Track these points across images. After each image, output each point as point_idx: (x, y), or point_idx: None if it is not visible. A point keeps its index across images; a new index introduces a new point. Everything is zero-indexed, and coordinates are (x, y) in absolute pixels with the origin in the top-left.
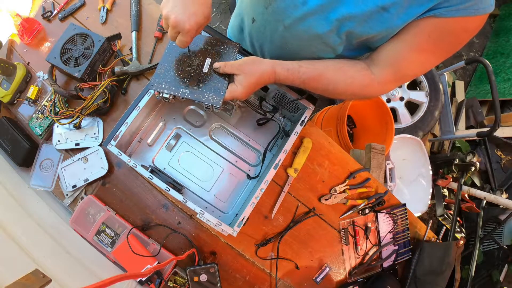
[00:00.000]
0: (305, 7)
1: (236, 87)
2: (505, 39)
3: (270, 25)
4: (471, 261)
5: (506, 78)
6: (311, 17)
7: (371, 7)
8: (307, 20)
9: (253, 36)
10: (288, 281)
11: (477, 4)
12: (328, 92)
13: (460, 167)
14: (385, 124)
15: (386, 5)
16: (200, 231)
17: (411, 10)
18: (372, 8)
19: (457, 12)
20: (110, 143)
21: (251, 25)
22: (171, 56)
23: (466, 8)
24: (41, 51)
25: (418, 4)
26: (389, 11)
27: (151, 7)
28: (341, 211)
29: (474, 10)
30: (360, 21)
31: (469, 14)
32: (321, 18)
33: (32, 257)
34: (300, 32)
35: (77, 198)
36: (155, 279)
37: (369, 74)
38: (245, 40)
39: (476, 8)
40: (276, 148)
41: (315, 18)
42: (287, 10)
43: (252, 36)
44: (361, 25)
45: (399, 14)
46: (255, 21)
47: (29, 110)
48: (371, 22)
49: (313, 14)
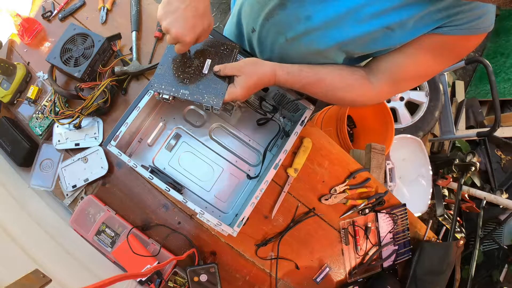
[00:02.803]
0: (309, 23)
1: (236, 88)
2: (505, 39)
3: (271, 36)
4: (471, 261)
5: (506, 78)
6: (314, 33)
7: (376, 27)
8: (310, 35)
9: (252, 43)
10: (288, 281)
11: (479, 24)
12: (327, 98)
13: (460, 167)
14: (385, 124)
15: (391, 25)
16: (200, 231)
17: (416, 31)
18: (377, 28)
19: (460, 31)
20: (110, 143)
21: (251, 33)
22: (171, 56)
23: (469, 28)
24: (41, 51)
25: (423, 25)
26: (394, 31)
27: (151, 7)
28: (341, 211)
29: (475, 30)
30: (364, 40)
31: (471, 33)
32: (324, 36)
33: (32, 257)
34: (302, 46)
35: (77, 198)
36: (155, 279)
37: (368, 83)
38: (245, 46)
39: (477, 27)
40: (276, 148)
41: (318, 35)
42: (290, 24)
43: (252, 43)
44: (365, 44)
45: (403, 34)
46: (255, 31)
47: (29, 110)
48: (375, 41)
49: (317, 30)
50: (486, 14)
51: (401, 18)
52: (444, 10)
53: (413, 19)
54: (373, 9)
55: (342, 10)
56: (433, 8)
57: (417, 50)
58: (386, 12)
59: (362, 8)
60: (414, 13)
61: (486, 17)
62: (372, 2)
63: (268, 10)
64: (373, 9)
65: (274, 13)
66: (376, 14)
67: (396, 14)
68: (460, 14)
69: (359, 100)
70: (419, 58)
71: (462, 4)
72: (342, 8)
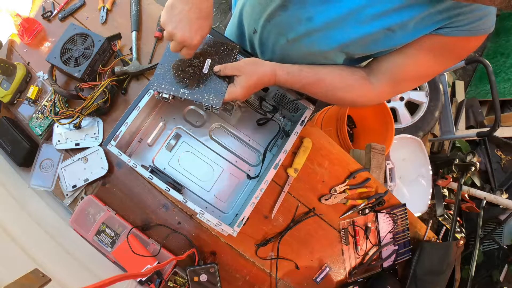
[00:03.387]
0: (310, 24)
1: (236, 88)
2: (505, 39)
3: (272, 37)
4: (471, 261)
5: (506, 78)
6: (315, 34)
7: (377, 28)
8: (311, 36)
9: (253, 44)
10: (288, 281)
11: (480, 26)
12: (327, 98)
13: (460, 167)
14: (385, 124)
15: (392, 26)
16: (200, 231)
17: (416, 32)
18: (378, 29)
19: (461, 33)
20: (110, 143)
21: (252, 35)
22: (171, 56)
23: (470, 29)
24: (41, 51)
25: (424, 26)
26: (395, 32)
27: (151, 7)
28: (341, 211)
29: (476, 31)
30: (365, 41)
31: (471, 34)
32: (325, 37)
33: (32, 257)
34: (303, 47)
35: (77, 198)
36: (155, 279)
37: (368, 84)
38: (246, 46)
39: (478, 29)
40: (276, 148)
41: (319, 36)
42: (291, 25)
43: (253, 44)
44: (365, 45)
45: (404, 35)
46: (257, 32)
47: (29, 110)
48: (376, 42)
49: (318, 31)
50: (487, 16)
51: (402, 19)
52: (444, 11)
53: (414, 21)
54: (374, 10)
55: (344, 11)
56: (433, 9)
57: (417, 50)
58: (387, 14)
59: (363, 10)
60: (414, 15)
61: (487, 19)
62: (373, 4)
63: (269, 11)
64: (374, 10)
65: (275, 14)
66: (377, 15)
67: (397, 16)
68: (460, 15)
69: (360, 100)
70: (420, 58)
71: (462, 5)
72: (344, 9)
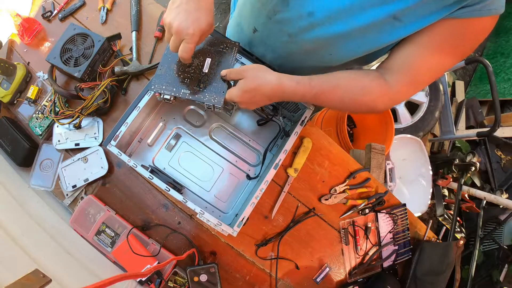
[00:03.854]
0: (312, 19)
1: (234, 89)
2: (505, 39)
3: (274, 35)
4: (471, 261)
5: (506, 78)
6: (317, 28)
7: (382, 16)
8: (314, 31)
9: (254, 45)
10: (288, 281)
11: (490, 5)
12: (344, 105)
13: (460, 167)
14: (385, 124)
15: (397, 13)
16: (200, 231)
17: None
18: (382, 17)
19: (472, 13)
20: (110, 143)
21: (252, 34)
22: (171, 56)
23: (481, 9)
24: (41, 51)
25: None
26: (400, 20)
27: (151, 7)
28: (341, 211)
29: (487, 11)
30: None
31: (483, 14)
32: (328, 30)
33: (32, 257)
34: (306, 42)
35: (77, 198)
36: (155, 279)
37: (385, 83)
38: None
39: (489, 8)
40: (276, 148)
41: (322, 30)
42: (292, 20)
43: (253, 45)
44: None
45: (411, 23)
46: (257, 31)
47: (29, 110)
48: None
49: (320, 25)
50: None
51: (407, 4)
52: None
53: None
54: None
55: (345, 2)
56: None
57: (432, 38)
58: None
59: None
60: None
61: None
62: None
63: (270, 8)
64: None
65: (276, 10)
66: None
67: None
68: None
69: (380, 101)
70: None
71: None
72: (345, 1)
